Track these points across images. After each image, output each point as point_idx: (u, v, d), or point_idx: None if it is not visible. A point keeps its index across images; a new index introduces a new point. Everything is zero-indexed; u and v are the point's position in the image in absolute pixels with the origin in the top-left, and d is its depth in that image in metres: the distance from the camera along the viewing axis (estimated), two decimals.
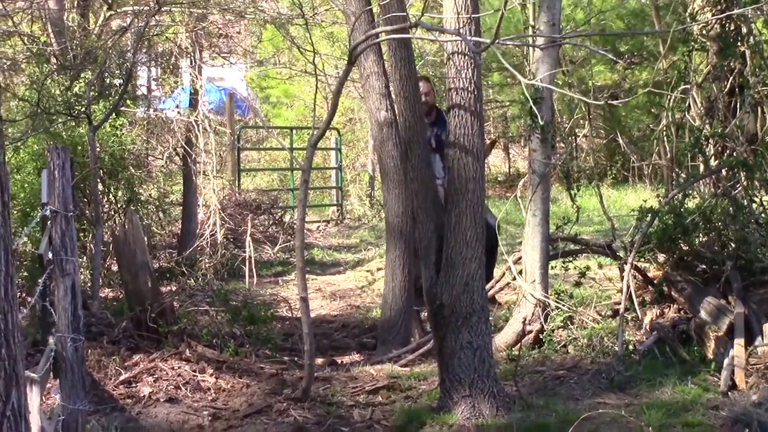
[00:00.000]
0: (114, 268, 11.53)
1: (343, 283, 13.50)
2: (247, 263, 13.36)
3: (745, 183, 9.03)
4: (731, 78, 9.97)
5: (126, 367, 7.93)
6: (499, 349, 8.44)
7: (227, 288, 12.26)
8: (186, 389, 7.67)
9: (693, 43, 10.08)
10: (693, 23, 9.96)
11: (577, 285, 9.30)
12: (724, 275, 8.32)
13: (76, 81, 11.55)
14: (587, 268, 9.27)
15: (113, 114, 11.44)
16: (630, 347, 8.08)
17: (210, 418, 7.16)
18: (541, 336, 8.62)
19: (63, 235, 5.59)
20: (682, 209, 8.74)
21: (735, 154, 9.41)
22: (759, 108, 10.17)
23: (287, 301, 11.48)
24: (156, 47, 15.37)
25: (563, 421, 6.43)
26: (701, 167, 9.94)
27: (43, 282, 5.93)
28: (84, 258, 11.27)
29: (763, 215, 8.87)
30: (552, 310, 8.66)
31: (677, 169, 10.74)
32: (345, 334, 10.42)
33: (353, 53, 7.19)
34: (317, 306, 11.77)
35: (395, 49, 7.66)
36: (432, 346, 8.17)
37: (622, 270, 8.82)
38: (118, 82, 12.62)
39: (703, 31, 10.25)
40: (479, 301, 6.89)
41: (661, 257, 9.03)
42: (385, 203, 9.56)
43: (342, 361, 9.06)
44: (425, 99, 9.38)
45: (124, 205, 12.69)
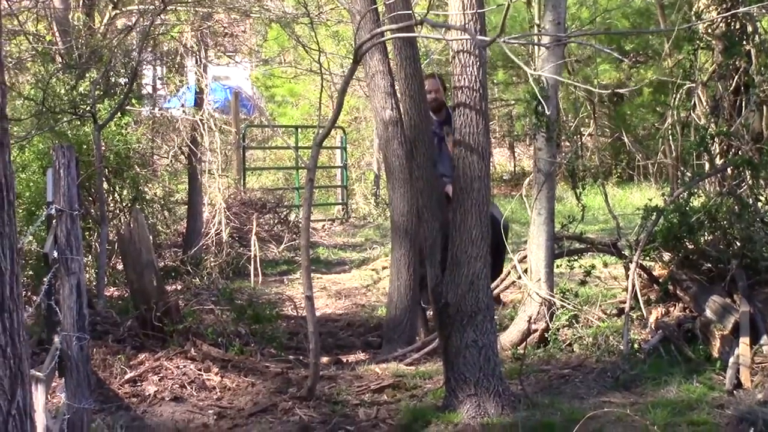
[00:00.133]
0: (119, 266, 11.53)
1: (349, 282, 13.50)
2: (253, 262, 13.36)
3: (751, 182, 9.03)
4: (737, 76, 9.97)
5: (131, 366, 7.94)
6: (505, 348, 8.44)
7: (232, 287, 12.25)
8: (191, 388, 7.67)
9: (698, 42, 10.07)
10: (698, 22, 9.96)
11: (583, 284, 9.29)
12: (729, 274, 8.32)
13: (81, 80, 11.55)
14: (592, 266, 9.26)
15: (118, 113, 11.43)
16: (635, 346, 8.07)
17: (215, 416, 7.16)
18: (547, 335, 8.61)
19: (68, 234, 5.60)
20: (687, 208, 8.73)
21: (740, 152, 9.41)
22: (764, 106, 10.15)
23: (292, 300, 11.47)
24: (161, 46, 15.38)
25: (568, 420, 6.42)
26: (706, 166, 9.93)
27: (49, 281, 5.93)
28: (89, 257, 11.27)
29: None
30: (557, 308, 8.65)
31: (682, 168, 10.73)
32: (350, 332, 10.42)
33: (358, 52, 7.19)
34: (322, 305, 11.77)
35: (400, 48, 7.66)
36: (437, 344, 8.16)
37: (627, 269, 8.81)
38: (123, 81, 12.63)
39: (709, 30, 10.25)
40: (484, 300, 6.88)
41: (667, 256, 9.02)
42: (390, 202, 9.56)
43: (347, 360, 9.06)
44: (435, 96, 9.38)
45: (129, 204, 12.68)
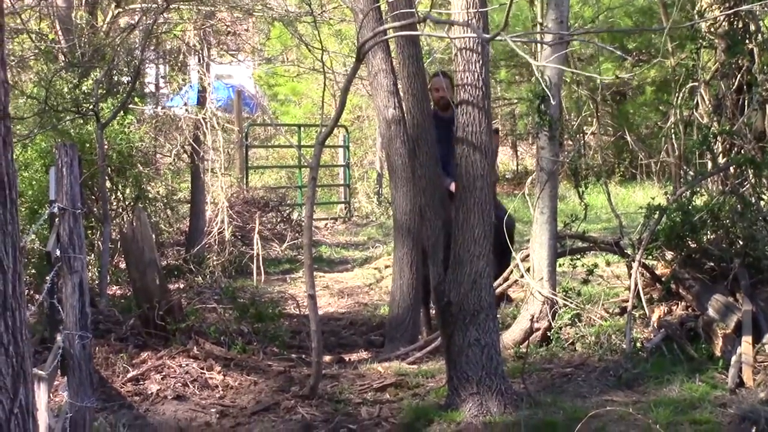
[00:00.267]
0: (122, 265, 11.53)
1: (351, 281, 13.50)
2: (255, 261, 13.37)
3: (753, 180, 9.02)
4: (739, 75, 9.96)
5: (134, 365, 7.95)
6: (507, 347, 8.43)
7: (235, 285, 12.27)
8: (194, 386, 7.68)
9: (701, 41, 10.07)
10: (701, 20, 9.96)
11: (585, 282, 9.28)
12: (732, 273, 8.31)
13: (84, 78, 11.56)
14: (595, 265, 9.26)
15: (121, 111, 11.44)
16: (638, 345, 8.07)
17: (218, 415, 7.17)
18: (549, 333, 8.61)
19: (71, 233, 5.60)
20: (690, 207, 8.73)
21: (743, 151, 9.40)
22: (767, 105, 10.14)
23: (295, 299, 11.47)
24: (164, 45, 15.40)
25: (571, 419, 6.41)
26: (709, 165, 9.93)
27: (51, 279, 5.93)
28: (92, 255, 11.27)
29: None
30: (560, 307, 8.65)
31: (685, 167, 10.73)
32: (353, 331, 10.42)
33: (361, 50, 7.19)
34: (325, 303, 11.77)
35: (403, 47, 7.65)
36: (440, 343, 8.16)
37: (629, 267, 8.81)
38: (126, 79, 12.63)
39: (711, 29, 10.25)
40: (487, 299, 6.87)
41: (669, 255, 9.02)
42: (393, 200, 9.56)
43: (350, 359, 9.07)
44: (442, 95, 9.36)
45: (132, 203, 12.70)
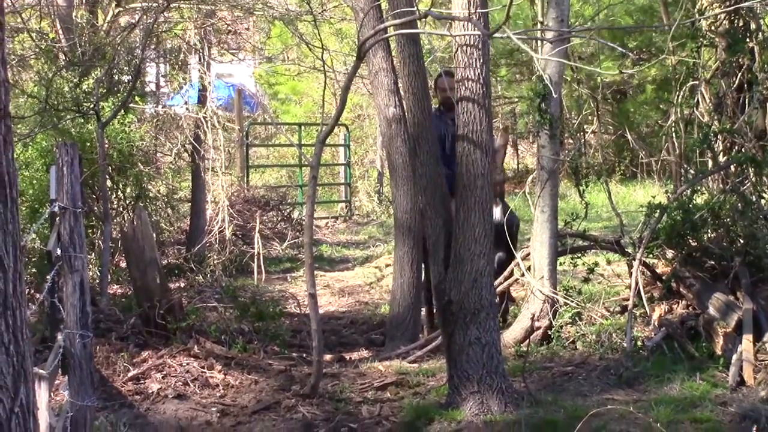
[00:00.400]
0: (122, 264, 11.53)
1: (352, 280, 13.51)
2: (256, 260, 13.37)
3: (754, 179, 9.02)
4: (740, 74, 9.95)
5: (134, 364, 7.95)
6: (508, 346, 8.44)
7: (236, 284, 12.27)
8: (194, 386, 7.68)
9: (702, 39, 10.07)
10: (701, 18, 9.95)
11: (586, 281, 9.29)
12: (732, 271, 8.32)
13: (84, 77, 11.55)
14: (596, 264, 9.26)
15: (122, 110, 11.45)
16: (638, 343, 8.08)
17: (218, 414, 7.17)
18: (550, 332, 8.62)
19: (71, 232, 5.60)
20: (690, 205, 8.73)
21: (744, 150, 9.40)
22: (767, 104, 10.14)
23: (296, 298, 11.48)
24: (164, 44, 15.39)
25: (571, 417, 6.42)
26: (710, 163, 9.92)
27: (52, 278, 5.93)
28: (92, 254, 11.27)
29: None
30: (560, 306, 8.66)
31: (686, 165, 10.72)
32: (353, 330, 10.43)
33: (362, 49, 7.19)
34: (326, 302, 11.77)
35: (404, 46, 7.64)
36: (440, 342, 8.16)
37: (630, 266, 8.81)
38: (126, 78, 12.62)
39: (712, 27, 10.24)
40: (488, 297, 6.87)
41: (670, 253, 9.02)
42: (394, 199, 9.56)
43: (350, 358, 9.07)
44: (448, 94, 9.33)
45: (132, 202, 12.70)
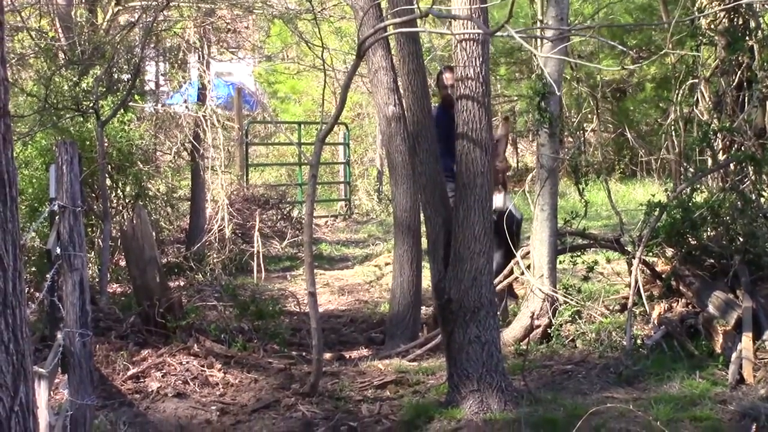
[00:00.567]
0: (122, 263, 11.54)
1: (351, 278, 13.50)
2: (256, 258, 13.38)
3: (753, 177, 9.03)
4: (739, 72, 9.95)
5: (134, 362, 7.95)
6: (507, 344, 8.44)
7: (235, 283, 12.27)
8: (194, 384, 7.68)
9: (701, 37, 10.07)
10: (701, 16, 9.94)
11: (585, 279, 9.29)
12: (732, 269, 8.32)
13: (84, 76, 11.55)
14: (595, 262, 9.26)
15: (121, 109, 11.44)
16: (638, 342, 8.08)
17: (218, 413, 7.17)
18: (549, 330, 8.62)
19: (71, 231, 5.60)
20: (690, 204, 8.73)
21: (743, 148, 9.40)
22: (767, 102, 10.13)
23: (295, 296, 11.47)
24: (164, 42, 15.39)
25: (571, 416, 6.42)
26: (709, 162, 9.93)
27: (51, 277, 5.93)
28: (92, 253, 11.28)
29: None
30: (560, 304, 8.66)
31: (685, 164, 10.72)
32: (353, 329, 10.42)
33: (361, 47, 7.19)
34: (325, 301, 11.77)
35: (403, 44, 7.64)
36: (440, 340, 8.17)
37: (630, 264, 8.81)
38: (126, 77, 12.62)
39: (712, 25, 10.23)
40: (487, 296, 6.87)
41: (669, 252, 9.02)
42: (393, 198, 9.56)
43: (350, 356, 9.07)
44: (451, 91, 9.31)
45: (132, 200, 12.70)
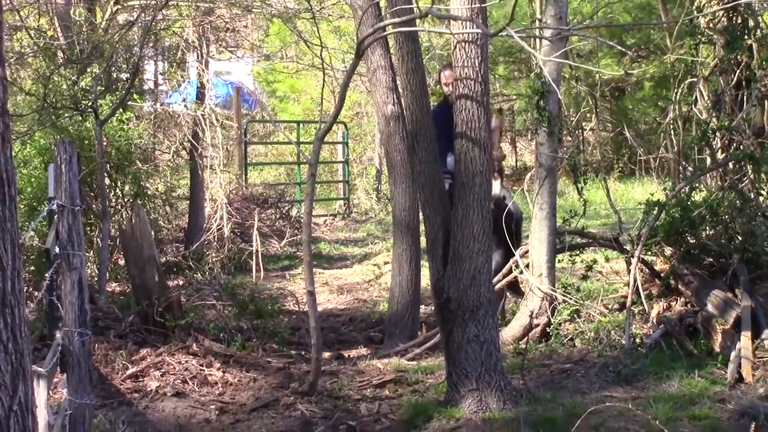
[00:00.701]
0: (121, 262, 11.53)
1: (350, 277, 13.50)
2: (254, 257, 13.37)
3: (752, 176, 9.03)
4: (738, 71, 9.96)
5: (133, 362, 7.95)
6: (506, 343, 8.44)
7: (234, 282, 12.26)
8: (193, 383, 7.68)
9: (700, 36, 10.08)
10: (700, 15, 9.95)
11: (584, 278, 9.29)
12: (731, 268, 8.32)
13: (82, 75, 11.55)
14: (594, 261, 9.26)
15: (120, 108, 11.43)
16: (637, 340, 8.08)
17: (217, 412, 7.17)
18: (548, 329, 8.61)
19: (70, 230, 5.59)
20: (689, 202, 8.73)
21: (742, 147, 9.41)
22: (766, 101, 10.14)
23: (294, 295, 11.47)
24: (163, 41, 15.39)
25: (570, 415, 6.42)
26: (708, 160, 9.93)
27: (50, 276, 5.92)
28: (91, 252, 11.28)
29: None
30: (559, 303, 8.66)
31: (684, 163, 10.73)
32: (352, 328, 10.42)
33: (360, 47, 7.19)
34: (324, 300, 11.77)
35: (402, 43, 7.63)
36: (439, 339, 8.17)
37: (629, 263, 8.81)
38: (124, 76, 12.62)
39: (710, 24, 10.24)
40: (486, 295, 6.87)
41: (668, 250, 9.02)
42: (392, 197, 9.56)
43: (349, 355, 9.07)
44: (451, 90, 9.29)
45: (131, 200, 12.68)
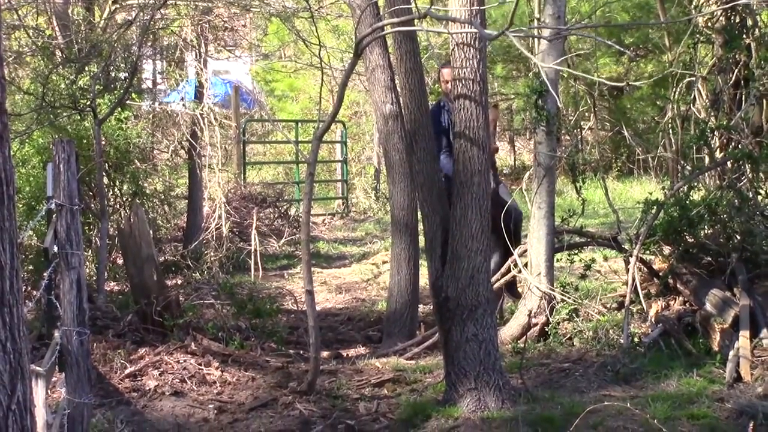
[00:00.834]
0: (119, 261, 11.54)
1: (349, 276, 13.50)
2: (253, 256, 13.37)
3: (751, 175, 9.03)
4: (737, 70, 9.95)
5: (131, 361, 7.95)
6: (505, 342, 8.44)
7: (233, 281, 12.26)
8: (191, 382, 7.68)
9: (698, 36, 10.07)
10: (698, 15, 9.95)
11: (583, 277, 9.28)
12: (729, 267, 8.32)
13: (81, 74, 11.54)
14: (592, 260, 9.25)
15: (118, 107, 11.43)
16: (635, 339, 8.07)
17: (215, 411, 7.17)
18: (547, 328, 8.61)
19: (68, 229, 5.59)
20: (687, 201, 8.73)
21: (740, 146, 9.40)
22: (764, 100, 10.13)
23: (293, 294, 11.47)
24: (161, 40, 15.39)
25: (569, 414, 6.42)
26: (706, 159, 9.93)
27: (49, 275, 5.92)
28: (89, 251, 11.27)
29: None
30: (557, 302, 8.65)
31: (682, 162, 10.72)
32: (350, 327, 10.42)
33: (359, 46, 7.19)
34: (323, 299, 11.77)
35: (401, 42, 7.63)
36: (437, 339, 8.16)
37: (627, 262, 8.80)
38: (123, 75, 12.62)
39: (709, 23, 10.23)
40: (484, 294, 6.88)
41: (667, 249, 9.02)
42: (391, 196, 9.56)
43: (347, 354, 9.07)
44: (451, 88, 9.27)
45: (129, 199, 12.68)
